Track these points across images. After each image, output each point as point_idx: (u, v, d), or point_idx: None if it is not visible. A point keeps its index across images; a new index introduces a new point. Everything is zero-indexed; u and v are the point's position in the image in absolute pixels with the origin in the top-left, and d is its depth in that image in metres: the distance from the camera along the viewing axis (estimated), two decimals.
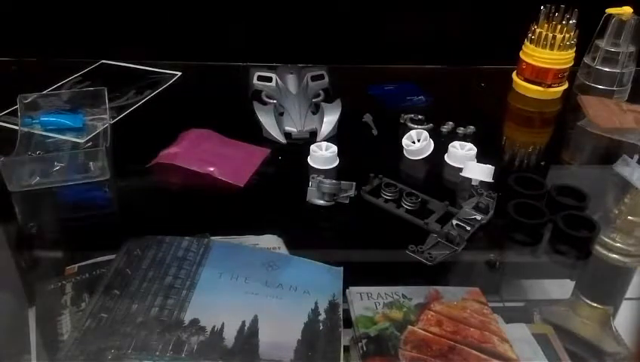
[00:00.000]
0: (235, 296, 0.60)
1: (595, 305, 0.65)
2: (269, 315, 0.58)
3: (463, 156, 0.83)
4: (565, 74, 1.03)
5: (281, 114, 0.91)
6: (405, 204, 0.74)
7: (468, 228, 0.71)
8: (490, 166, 0.78)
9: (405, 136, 0.86)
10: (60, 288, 0.61)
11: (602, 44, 1.02)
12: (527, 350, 0.57)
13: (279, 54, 1.08)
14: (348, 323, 0.59)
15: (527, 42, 1.03)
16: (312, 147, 0.83)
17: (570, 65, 1.03)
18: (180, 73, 1.08)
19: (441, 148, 0.86)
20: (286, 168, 0.84)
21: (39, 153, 0.81)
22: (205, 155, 0.82)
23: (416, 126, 0.92)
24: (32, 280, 0.64)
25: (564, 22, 0.99)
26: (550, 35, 0.99)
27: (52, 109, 0.88)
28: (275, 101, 0.95)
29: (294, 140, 0.88)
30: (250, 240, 0.69)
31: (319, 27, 1.11)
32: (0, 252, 0.70)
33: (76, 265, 0.64)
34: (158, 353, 0.53)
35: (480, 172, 0.77)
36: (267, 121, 0.89)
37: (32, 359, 0.55)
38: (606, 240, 0.72)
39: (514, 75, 1.07)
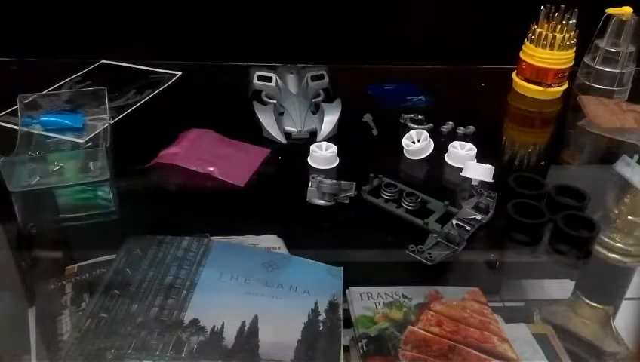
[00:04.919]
0: (235, 296, 0.60)
1: (595, 305, 0.65)
2: (269, 315, 0.58)
3: (463, 156, 0.83)
4: (565, 74, 1.03)
5: (281, 114, 0.92)
6: (405, 204, 0.74)
7: (468, 228, 0.71)
8: (490, 166, 0.78)
9: (405, 136, 0.86)
10: (59, 288, 0.61)
11: (602, 44, 1.02)
12: (527, 350, 0.57)
13: (279, 54, 1.08)
14: (348, 323, 0.59)
15: (527, 42, 1.03)
16: (312, 147, 0.83)
17: (570, 65, 1.03)
18: (179, 73, 1.08)
19: (441, 148, 0.86)
20: (286, 168, 0.84)
21: (39, 153, 0.81)
22: (205, 155, 0.82)
23: (416, 126, 0.92)
24: (32, 280, 0.64)
25: (564, 22, 0.99)
26: (550, 35, 0.99)
27: (52, 109, 0.88)
28: (275, 101, 0.95)
29: (294, 140, 0.88)
30: (250, 240, 0.69)
31: (319, 27, 1.11)
32: (0, 252, 0.70)
33: (76, 265, 0.64)
34: (158, 353, 0.53)
35: (480, 172, 0.77)
36: (267, 121, 0.89)
37: (32, 359, 0.55)
38: (606, 240, 0.72)
39: (514, 75, 1.07)
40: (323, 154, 0.82)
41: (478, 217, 0.72)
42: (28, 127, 0.86)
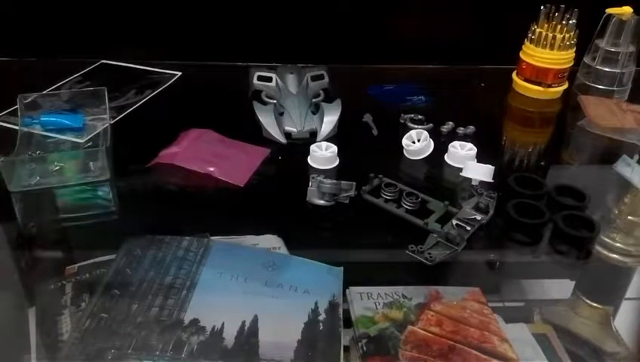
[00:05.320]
0: (235, 295, 0.60)
1: (595, 305, 0.65)
2: (269, 315, 0.58)
3: (463, 156, 0.83)
4: (565, 74, 1.03)
5: (281, 114, 0.91)
6: (405, 204, 0.74)
7: (468, 228, 0.71)
8: (490, 166, 0.78)
9: (405, 136, 0.86)
10: (60, 288, 0.61)
11: (602, 44, 1.02)
12: (527, 350, 0.57)
13: (279, 54, 1.08)
14: (348, 323, 0.59)
15: (527, 42, 1.03)
16: (312, 147, 0.83)
17: (570, 65, 1.03)
18: (180, 73, 1.08)
19: (441, 148, 0.86)
20: (286, 168, 0.84)
21: (39, 153, 0.81)
22: (205, 155, 0.82)
23: (416, 126, 0.92)
24: (32, 280, 0.64)
25: (564, 22, 0.99)
26: (550, 35, 0.99)
27: (52, 109, 0.88)
28: (275, 101, 0.95)
29: (294, 140, 0.88)
30: (250, 240, 0.69)
31: (319, 27, 1.11)
32: (0, 252, 0.70)
33: (76, 265, 0.64)
34: (158, 353, 0.53)
35: (480, 172, 0.77)
36: (267, 121, 0.89)
37: (32, 359, 0.55)
38: (606, 240, 0.72)
39: (514, 75, 1.07)
40: (323, 154, 0.82)
41: (478, 217, 0.72)
42: (28, 127, 0.86)
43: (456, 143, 0.85)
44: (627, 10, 0.99)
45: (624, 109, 0.98)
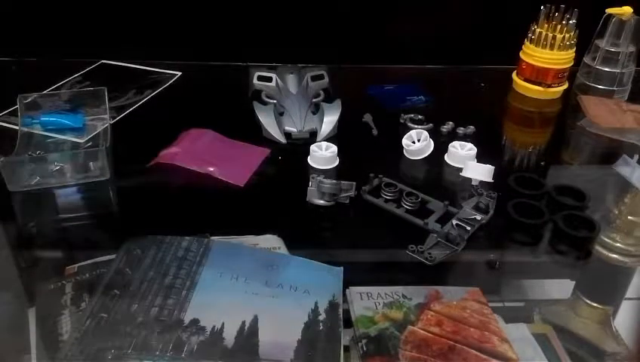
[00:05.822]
0: (235, 296, 0.60)
1: (595, 305, 0.65)
2: (269, 315, 0.58)
3: (463, 156, 0.83)
4: (565, 74, 1.03)
5: (281, 114, 0.91)
6: (405, 204, 0.74)
7: (468, 228, 0.71)
8: (490, 166, 0.78)
9: (405, 136, 0.86)
10: (60, 288, 0.61)
11: (602, 44, 1.02)
12: (527, 350, 0.57)
13: (279, 54, 1.08)
14: (348, 323, 0.59)
15: (527, 42, 1.03)
16: (312, 147, 0.83)
17: (570, 65, 1.03)
18: (180, 73, 1.08)
19: (441, 148, 0.86)
20: (286, 168, 0.84)
21: (39, 153, 0.81)
22: (205, 155, 0.82)
23: (416, 126, 0.92)
24: (32, 280, 0.64)
25: (564, 22, 0.99)
26: (550, 35, 0.99)
27: (52, 109, 0.88)
28: (275, 101, 0.95)
29: (294, 140, 0.88)
30: (250, 240, 0.69)
31: (319, 27, 1.11)
32: (0, 252, 0.70)
33: (76, 265, 0.64)
34: (158, 353, 0.53)
35: (480, 172, 0.77)
36: (267, 121, 0.89)
37: (32, 359, 0.55)
38: (606, 240, 0.72)
39: (514, 75, 1.07)
40: (323, 154, 0.82)
41: (478, 217, 0.72)
42: (28, 127, 0.86)
43: (456, 143, 0.85)
44: (627, 10, 0.99)
45: (624, 109, 0.98)
